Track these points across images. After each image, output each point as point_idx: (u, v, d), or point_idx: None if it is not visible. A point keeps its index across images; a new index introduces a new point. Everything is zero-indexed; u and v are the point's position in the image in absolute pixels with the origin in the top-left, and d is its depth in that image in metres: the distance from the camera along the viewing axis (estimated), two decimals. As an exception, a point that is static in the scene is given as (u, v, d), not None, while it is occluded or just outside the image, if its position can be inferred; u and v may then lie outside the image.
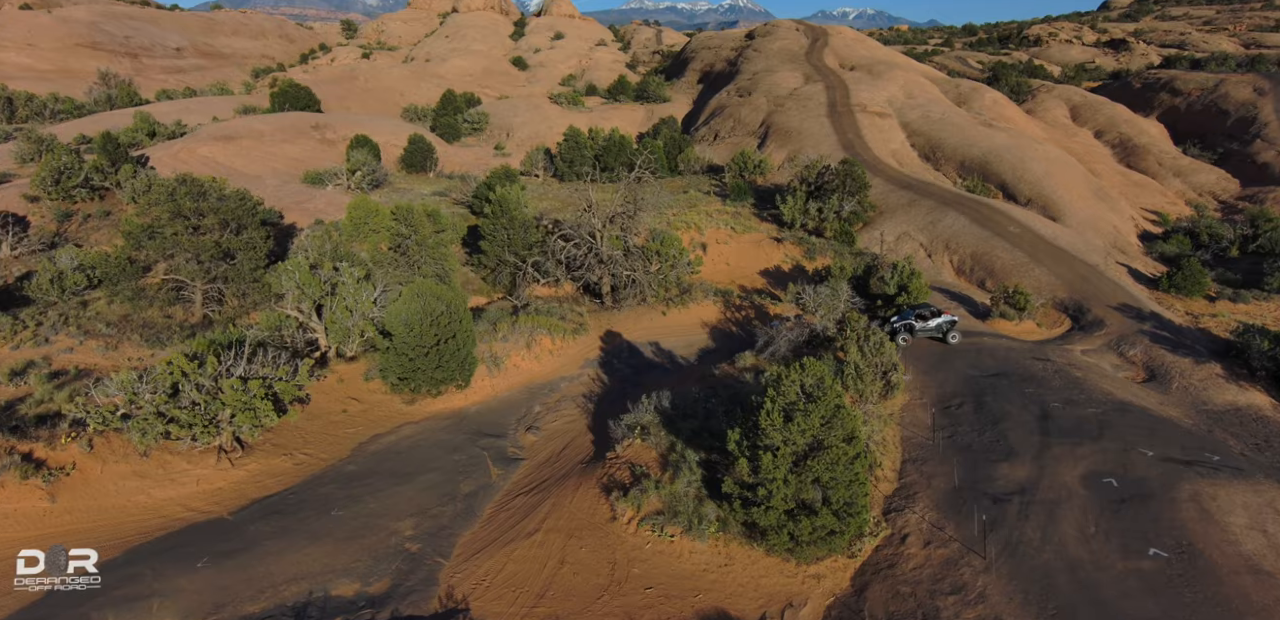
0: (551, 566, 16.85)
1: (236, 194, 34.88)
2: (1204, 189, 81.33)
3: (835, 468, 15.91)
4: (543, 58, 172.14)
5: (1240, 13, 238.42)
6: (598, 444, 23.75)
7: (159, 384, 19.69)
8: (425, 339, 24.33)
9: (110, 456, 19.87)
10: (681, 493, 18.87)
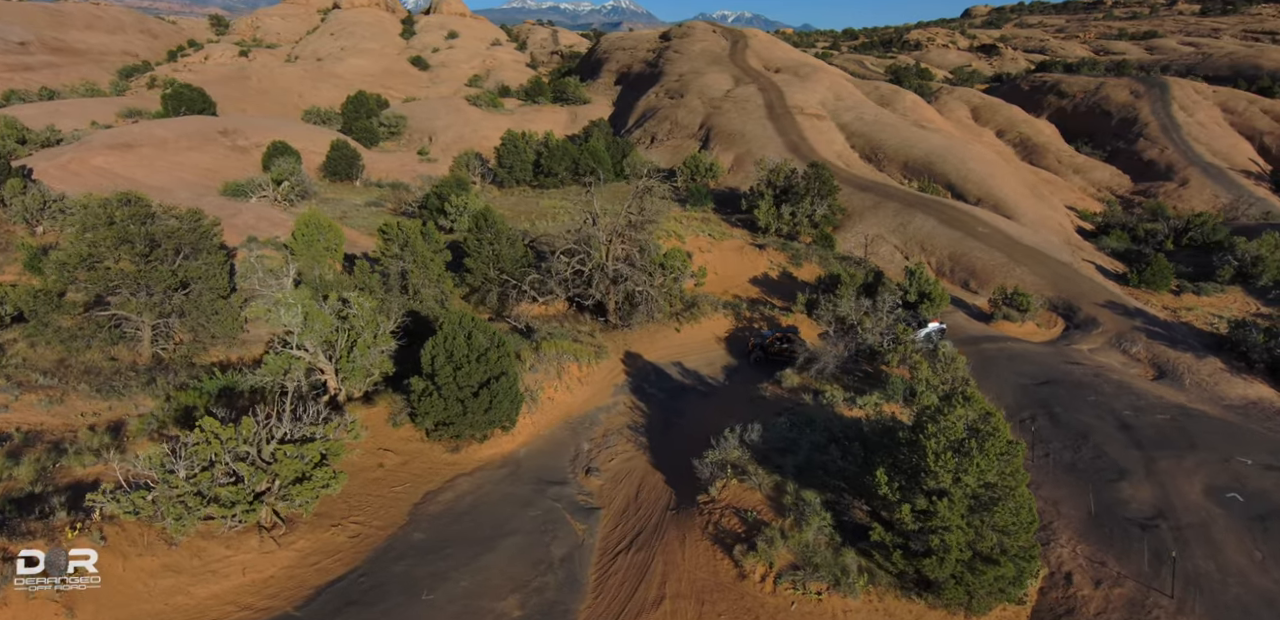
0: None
1: (190, 215, 30.19)
2: (1101, 185, 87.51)
3: (1020, 512, 14.70)
4: (443, 57, 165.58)
5: (1086, 22, 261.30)
6: (674, 484, 21.69)
7: (196, 458, 16.05)
8: (473, 378, 21.46)
9: (131, 549, 16.04)
10: (813, 542, 17.20)
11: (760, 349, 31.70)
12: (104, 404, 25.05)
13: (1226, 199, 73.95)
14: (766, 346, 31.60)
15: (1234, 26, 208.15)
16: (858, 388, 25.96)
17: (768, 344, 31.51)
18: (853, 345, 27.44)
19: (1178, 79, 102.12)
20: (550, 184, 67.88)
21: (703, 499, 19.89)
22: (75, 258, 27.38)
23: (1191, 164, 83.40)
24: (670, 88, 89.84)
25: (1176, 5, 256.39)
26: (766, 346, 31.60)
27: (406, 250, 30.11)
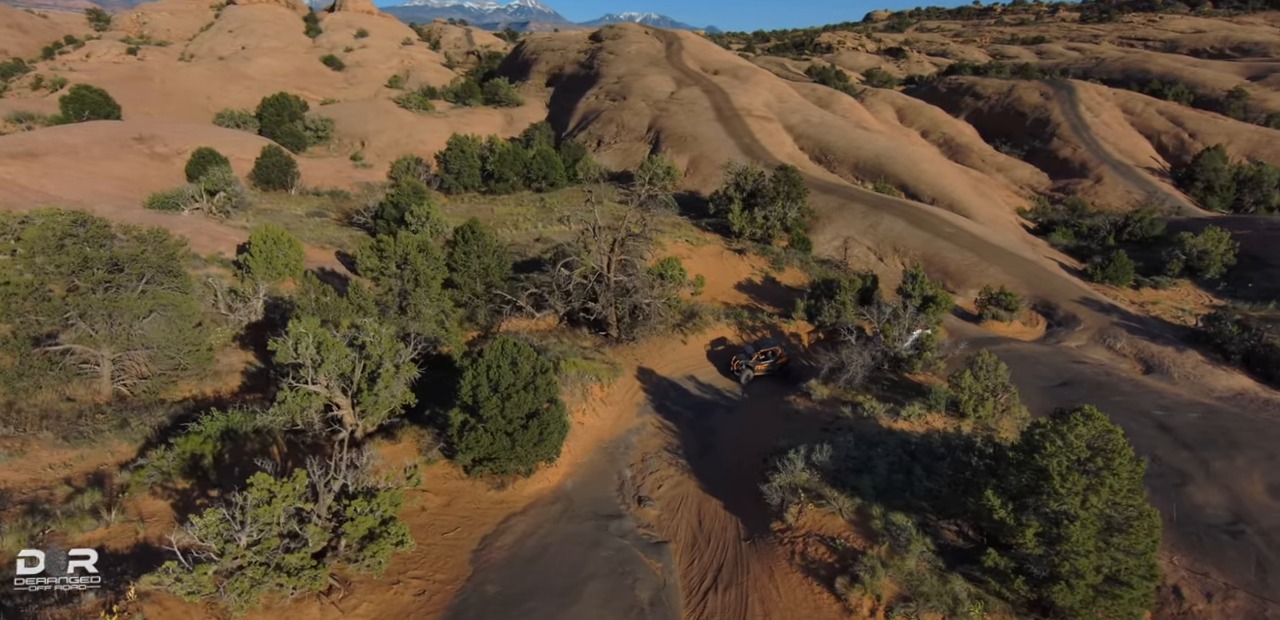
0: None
1: (153, 234, 26.98)
2: (1023, 183, 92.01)
3: (1154, 533, 14.50)
4: (358, 57, 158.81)
5: (981, 27, 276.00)
6: (736, 511, 20.72)
7: (262, 522, 13.89)
8: (522, 408, 19.82)
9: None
10: (916, 569, 16.59)
11: (748, 367, 30.68)
12: (73, 453, 22.06)
13: (1139, 195, 78.95)
14: (753, 365, 30.72)
15: (1111, 33, 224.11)
16: (890, 397, 25.71)
17: (753, 362, 30.73)
18: (878, 353, 27.19)
19: (1081, 81, 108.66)
20: (501, 190, 65.58)
21: (777, 527, 19.03)
22: (23, 288, 23.98)
23: (1103, 162, 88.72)
24: (610, 89, 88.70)
25: (1059, 13, 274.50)
26: (753, 365, 30.72)
27: (406, 268, 27.87)
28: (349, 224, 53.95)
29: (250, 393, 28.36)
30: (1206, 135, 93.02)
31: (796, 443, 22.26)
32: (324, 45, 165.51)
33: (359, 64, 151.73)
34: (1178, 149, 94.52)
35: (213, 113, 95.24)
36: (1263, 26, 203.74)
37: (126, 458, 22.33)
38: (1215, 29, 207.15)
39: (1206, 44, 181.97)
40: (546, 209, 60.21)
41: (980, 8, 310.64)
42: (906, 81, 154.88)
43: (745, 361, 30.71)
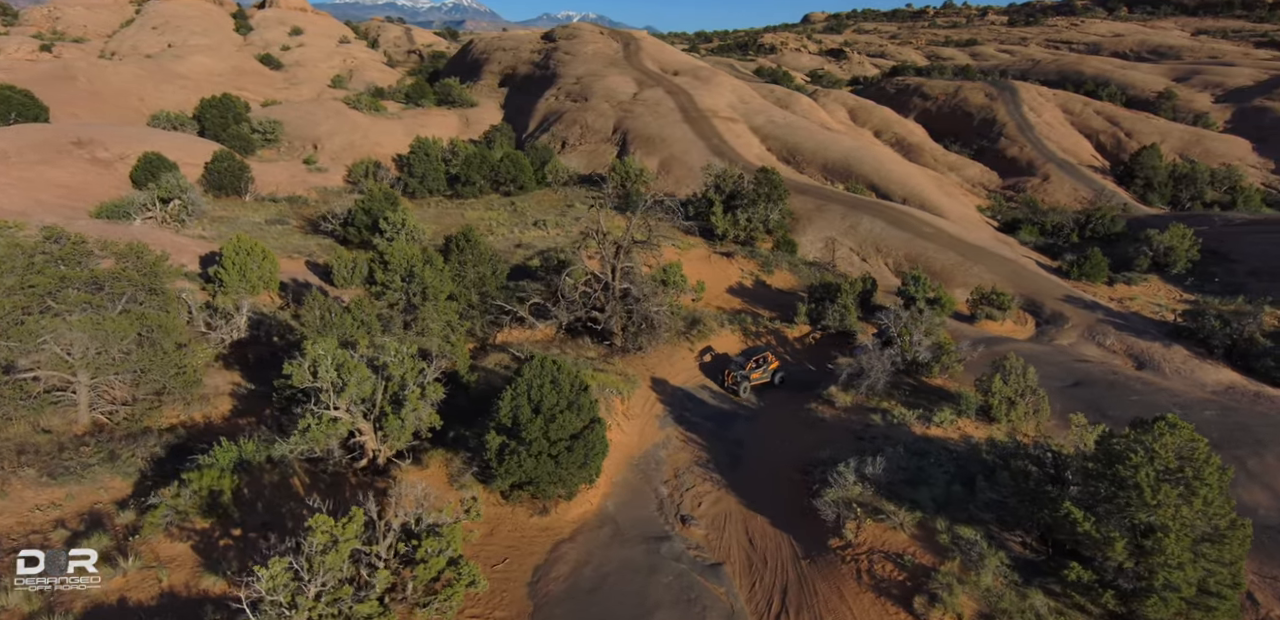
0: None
1: (131, 249, 24.91)
2: (974, 181, 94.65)
3: (1246, 543, 14.53)
4: (297, 56, 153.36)
5: (915, 29, 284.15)
6: (785, 527, 20.19)
7: (329, 570, 12.61)
8: (566, 429, 18.86)
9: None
10: (993, 585, 16.30)
11: (744, 378, 29.65)
12: (60, 491, 20.13)
13: (1086, 193, 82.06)
14: (748, 374, 29.69)
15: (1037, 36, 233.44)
16: (915, 403, 25.64)
17: (748, 372, 29.68)
18: (897, 358, 27.09)
19: (1023, 83, 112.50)
20: (468, 194, 63.75)
21: (835, 544, 18.58)
22: (-7, 313, 21.80)
23: (1049, 161, 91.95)
24: (570, 90, 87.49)
25: (988, 16, 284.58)
26: (748, 374, 29.69)
27: (413, 281, 26.42)
28: (314, 232, 51.52)
29: (243, 417, 26.56)
30: (1141, 134, 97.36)
31: (836, 454, 21.90)
32: (257, 43, 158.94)
33: (298, 63, 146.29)
34: (1115, 147, 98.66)
35: (146, 115, 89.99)
36: (1174, 31, 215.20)
37: (122, 494, 20.56)
38: (1132, 33, 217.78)
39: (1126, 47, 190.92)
40: (519, 213, 58.79)
41: (913, 10, 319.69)
42: (852, 82, 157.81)
43: (740, 373, 29.83)
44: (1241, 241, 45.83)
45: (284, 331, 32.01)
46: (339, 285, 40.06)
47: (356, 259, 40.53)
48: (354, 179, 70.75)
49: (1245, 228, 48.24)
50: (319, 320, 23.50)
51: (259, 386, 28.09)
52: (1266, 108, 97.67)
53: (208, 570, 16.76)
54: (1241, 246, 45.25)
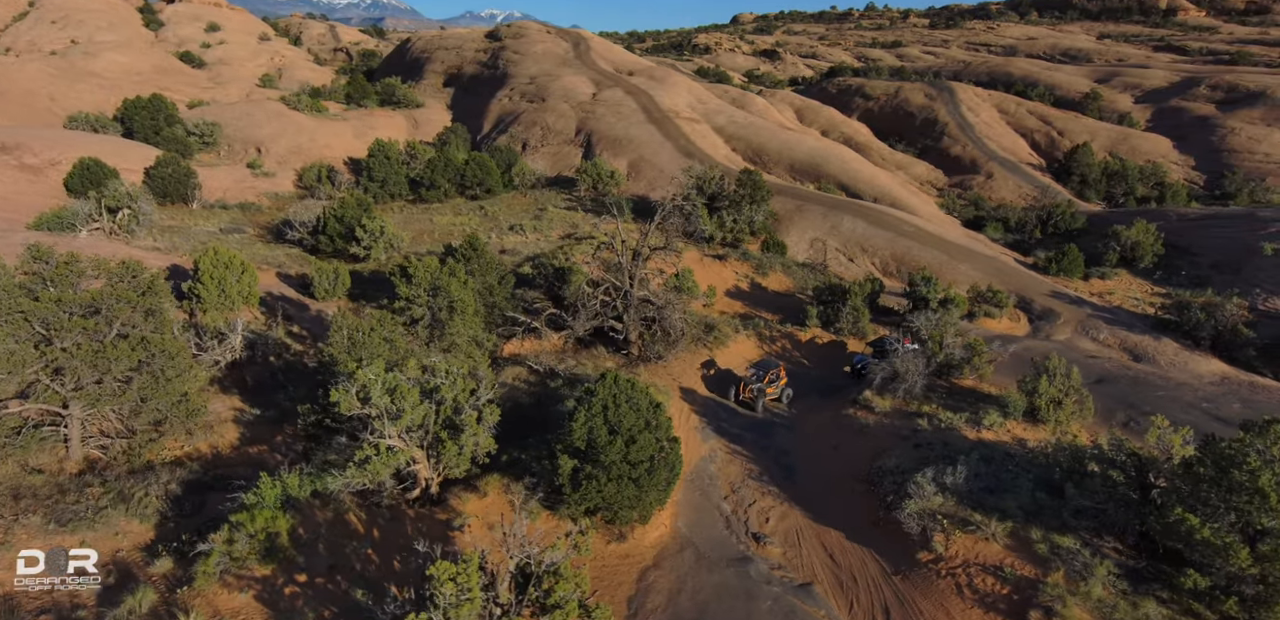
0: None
1: (124, 268, 22.53)
2: (922, 179, 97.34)
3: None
4: (220, 54, 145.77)
5: (843, 31, 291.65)
6: (863, 541, 19.76)
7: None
8: (646, 450, 17.88)
9: None
10: (1104, 596, 16.16)
11: (761, 394, 28.65)
12: (72, 539, 18.09)
13: (1030, 190, 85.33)
14: (765, 388, 28.53)
15: (958, 38, 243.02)
16: (956, 406, 25.68)
17: (765, 385, 28.47)
18: (930, 361, 27.10)
19: (959, 83, 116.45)
20: (433, 198, 61.41)
21: (925, 557, 18.25)
22: (-20, 345, 19.33)
23: (991, 159, 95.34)
24: (524, 90, 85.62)
25: (910, 19, 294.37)
26: (765, 388, 28.53)
27: (440, 295, 24.81)
28: (278, 240, 48.56)
29: (253, 446, 24.59)
30: (1073, 133, 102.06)
31: (901, 463, 21.64)
32: (170, 40, 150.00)
33: (222, 61, 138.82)
34: (1049, 146, 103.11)
35: (60, 116, 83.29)
36: (1080, 35, 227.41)
37: (143, 539, 18.61)
38: (1044, 36, 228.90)
39: (1039, 50, 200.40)
40: (490, 218, 56.95)
41: (838, 13, 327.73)
42: (790, 83, 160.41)
43: (757, 386, 28.48)
44: (1200, 235, 48.33)
45: (280, 350, 29.85)
46: (320, 298, 37.73)
47: (338, 270, 38.27)
48: (306, 184, 67.28)
49: (1199, 222, 50.90)
50: (347, 340, 21.73)
51: (264, 411, 26.07)
52: (1182, 108, 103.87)
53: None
54: (1201, 240, 47.70)
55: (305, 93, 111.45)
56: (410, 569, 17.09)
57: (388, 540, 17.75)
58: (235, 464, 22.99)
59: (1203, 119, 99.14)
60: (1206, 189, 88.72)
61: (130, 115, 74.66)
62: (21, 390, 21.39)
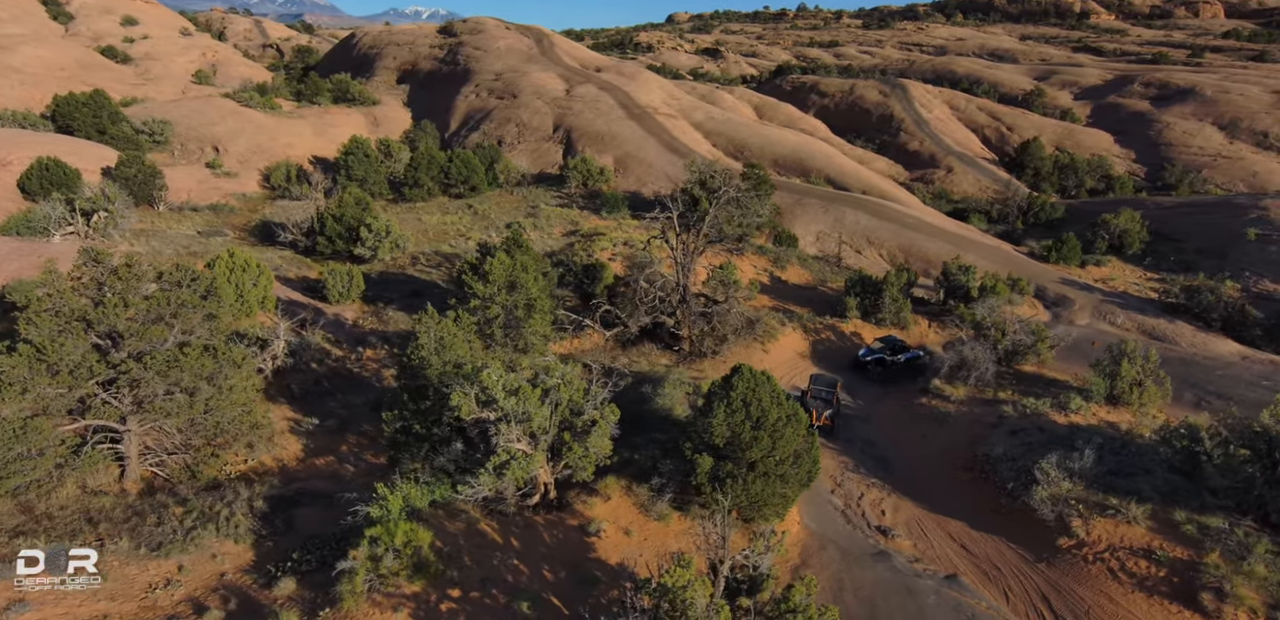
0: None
1: (179, 271, 20.49)
2: (885, 173, 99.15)
3: None
4: (147, 49, 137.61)
5: (779, 30, 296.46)
6: (991, 529, 19.69)
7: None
8: (792, 444, 17.23)
9: None
10: (1268, 575, 16.29)
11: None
12: (168, 564, 16.53)
13: (990, 183, 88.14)
14: (828, 398, 25.82)
15: (891, 38, 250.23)
16: (1028, 391, 25.92)
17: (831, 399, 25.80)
18: (993, 348, 27.32)
19: (910, 81, 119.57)
20: (416, 197, 59.13)
21: (1066, 544, 18.21)
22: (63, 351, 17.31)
23: (949, 154, 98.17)
24: (491, 87, 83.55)
25: (843, 19, 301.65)
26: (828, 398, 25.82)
27: (519, 292, 23.49)
28: (266, 243, 45.83)
29: (319, 458, 22.92)
30: (1021, 128, 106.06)
31: (1010, 450, 21.62)
32: (85, 34, 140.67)
33: (150, 56, 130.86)
34: (999, 141, 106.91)
35: (-18, 114, 76.89)
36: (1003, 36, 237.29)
37: (244, 561, 17.12)
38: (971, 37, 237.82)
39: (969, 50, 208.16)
40: (482, 216, 55.21)
41: (773, 13, 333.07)
42: (743, 80, 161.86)
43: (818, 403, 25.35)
44: (1181, 223, 50.68)
45: (322, 357, 27.94)
46: (334, 301, 35.65)
47: (351, 271, 36.29)
48: (275, 184, 63.95)
49: (1177, 210, 53.43)
50: (435, 341, 20.25)
51: (321, 420, 24.33)
52: (1119, 104, 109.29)
53: (450, 649, 13.83)
54: (1183, 227, 50.04)
55: (250, 89, 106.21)
56: (563, 578, 15.99)
57: (529, 549, 16.57)
58: (309, 477, 21.30)
59: (1139, 115, 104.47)
60: (1148, 180, 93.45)
61: (67, 113, 69.33)
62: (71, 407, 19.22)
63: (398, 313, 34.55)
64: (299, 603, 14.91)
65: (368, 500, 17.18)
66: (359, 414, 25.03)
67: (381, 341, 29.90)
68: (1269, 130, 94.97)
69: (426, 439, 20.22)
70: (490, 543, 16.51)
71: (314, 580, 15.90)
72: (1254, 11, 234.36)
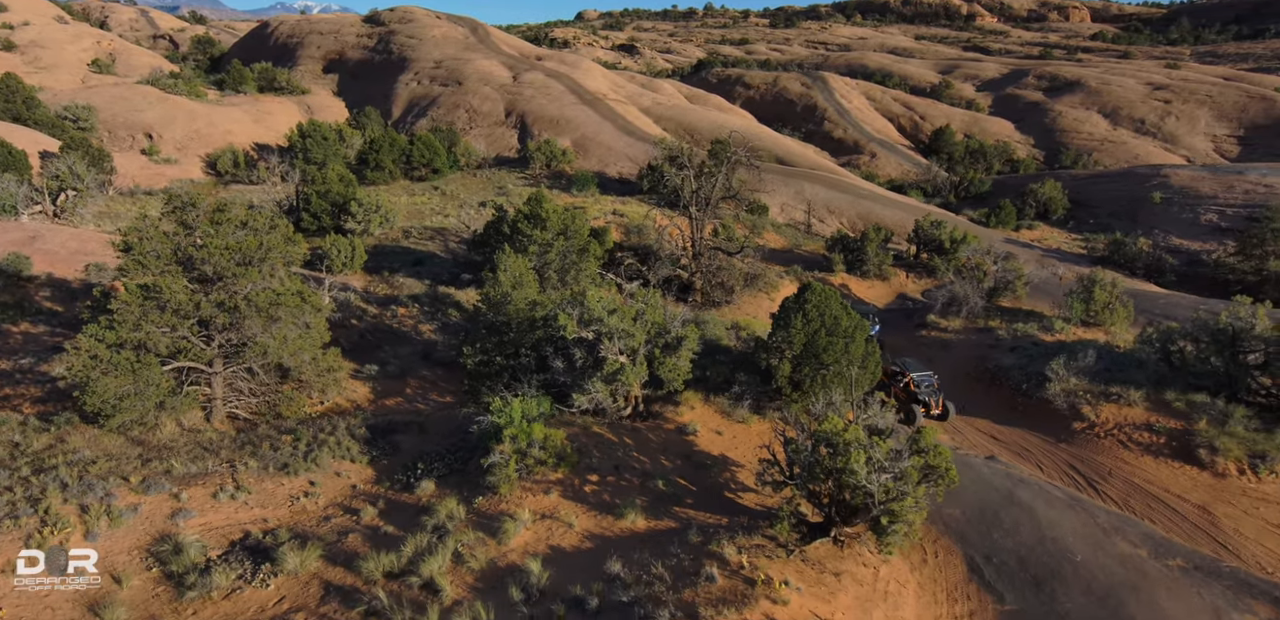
0: None
1: (261, 216, 20.98)
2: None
3: None
4: (33, 36, 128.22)
5: (690, 28, 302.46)
6: (1012, 422, 22.72)
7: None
8: (861, 347, 19.65)
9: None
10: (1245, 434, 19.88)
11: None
12: (300, 481, 17.48)
13: (911, 168, 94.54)
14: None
15: (798, 37, 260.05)
16: (1014, 320, 29.47)
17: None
18: (978, 286, 30.83)
19: (830, 73, 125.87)
20: (378, 179, 58.80)
21: (1079, 426, 21.48)
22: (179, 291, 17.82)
23: (871, 141, 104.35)
24: (433, 74, 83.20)
25: (750, 18, 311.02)
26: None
27: (572, 238, 24.98)
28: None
29: (389, 399, 23.85)
30: (932, 117, 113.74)
31: (1017, 361, 24.86)
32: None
33: (38, 44, 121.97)
34: (914, 129, 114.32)
35: None
36: (900, 36, 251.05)
37: (369, 476, 18.34)
38: (872, 36, 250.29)
39: (870, 48, 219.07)
40: (450, 197, 55.61)
41: (682, 11, 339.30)
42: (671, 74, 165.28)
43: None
44: (1093, 192, 56.78)
45: (361, 314, 28.58)
46: (337, 271, 35.84)
47: (354, 243, 36.53)
48: (221, 170, 62.07)
49: (1088, 181, 59.75)
50: (515, 280, 21.57)
51: (381, 366, 25.11)
52: (1017, 95, 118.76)
53: (607, 512, 15.39)
54: (1095, 196, 56.10)
55: (165, 78, 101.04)
56: (680, 465, 17.85)
57: (642, 445, 18.32)
58: (392, 413, 22.21)
59: (1035, 104, 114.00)
60: (1046, 164, 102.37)
61: (-28, 99, 64.84)
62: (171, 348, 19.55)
63: (407, 279, 35.17)
64: (447, 498, 16.15)
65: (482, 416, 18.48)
66: (411, 362, 25.91)
67: (411, 301, 30.64)
68: (1145, 118, 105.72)
69: (506, 369, 21.60)
70: (608, 442, 18.16)
71: (449, 482, 17.16)
72: (1115, 16, 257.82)
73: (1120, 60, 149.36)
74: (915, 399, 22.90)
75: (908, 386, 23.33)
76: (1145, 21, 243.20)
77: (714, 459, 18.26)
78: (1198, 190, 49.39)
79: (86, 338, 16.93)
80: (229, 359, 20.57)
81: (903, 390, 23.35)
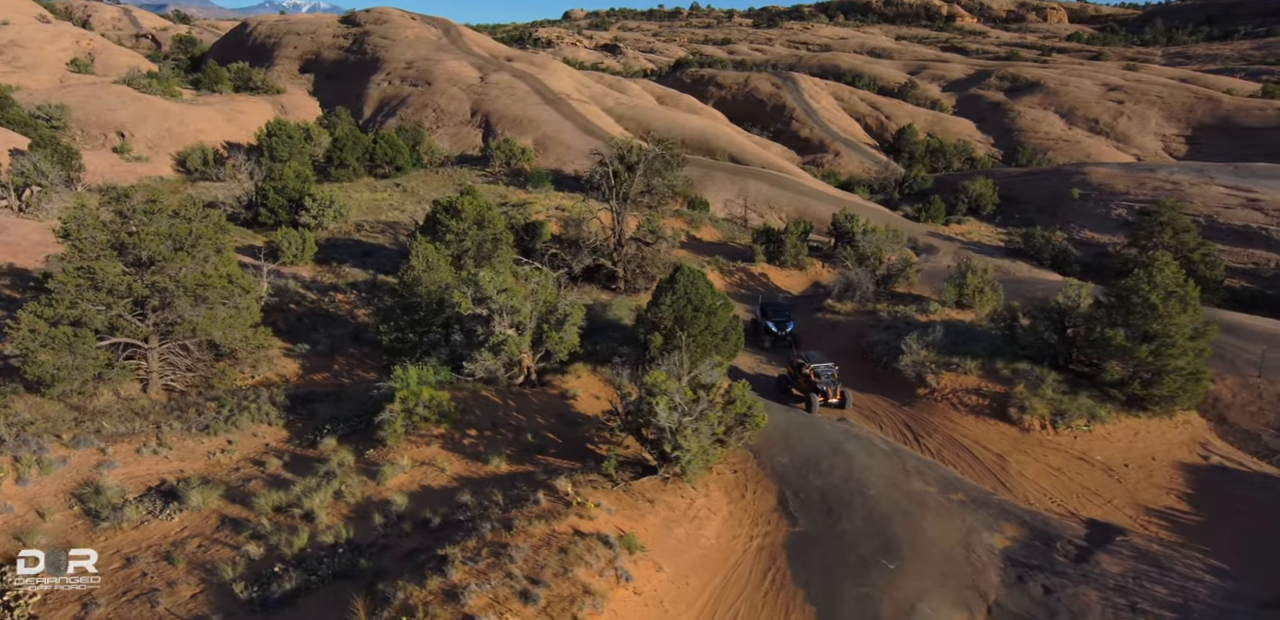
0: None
1: (194, 206, 23.49)
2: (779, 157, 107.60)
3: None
4: (11, 35, 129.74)
5: (675, 28, 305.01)
6: (871, 390, 25.42)
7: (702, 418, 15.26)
8: (723, 322, 22.39)
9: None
10: (1054, 396, 22.74)
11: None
12: (218, 440, 20.05)
13: (872, 166, 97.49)
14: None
15: (780, 37, 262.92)
16: (901, 303, 32.28)
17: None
18: (872, 274, 33.60)
19: (800, 74, 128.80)
20: (342, 176, 61.24)
21: (922, 392, 24.29)
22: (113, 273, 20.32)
23: (836, 140, 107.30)
24: (404, 75, 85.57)
25: (734, 18, 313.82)
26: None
27: (486, 228, 27.60)
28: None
29: (317, 374, 26.42)
30: (897, 117, 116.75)
31: (885, 338, 27.64)
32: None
33: (16, 43, 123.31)
34: (879, 128, 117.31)
35: None
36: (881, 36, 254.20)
37: (282, 437, 20.89)
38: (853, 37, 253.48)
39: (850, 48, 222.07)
40: (410, 193, 58.13)
41: (668, 11, 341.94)
42: (648, 74, 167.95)
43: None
44: (1023, 189, 59.78)
45: (299, 299, 31.09)
46: (288, 262, 38.31)
47: (305, 236, 39.02)
48: (191, 168, 64.31)
49: (1021, 178, 62.76)
50: (426, 264, 24.17)
51: (312, 346, 27.62)
52: (979, 95, 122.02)
53: (477, 459, 18.05)
54: (1025, 192, 59.08)
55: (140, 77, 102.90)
56: (553, 423, 20.51)
57: (523, 407, 20.98)
58: (316, 385, 24.76)
59: (996, 104, 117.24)
60: (1004, 162, 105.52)
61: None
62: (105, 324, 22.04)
63: (353, 269, 37.70)
64: (342, 450, 18.75)
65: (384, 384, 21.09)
66: (342, 342, 28.48)
67: (350, 288, 33.17)
68: (1099, 118, 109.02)
69: (418, 345, 24.20)
70: (492, 404, 20.81)
71: (350, 439, 19.76)
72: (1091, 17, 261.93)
73: (1084, 62, 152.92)
74: (814, 388, 24.81)
75: (809, 377, 25.28)
76: (1121, 22, 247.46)
77: (586, 418, 20.93)
78: (1112, 187, 52.41)
79: (26, 314, 19.45)
80: (164, 336, 23.07)
81: (805, 380, 25.49)
